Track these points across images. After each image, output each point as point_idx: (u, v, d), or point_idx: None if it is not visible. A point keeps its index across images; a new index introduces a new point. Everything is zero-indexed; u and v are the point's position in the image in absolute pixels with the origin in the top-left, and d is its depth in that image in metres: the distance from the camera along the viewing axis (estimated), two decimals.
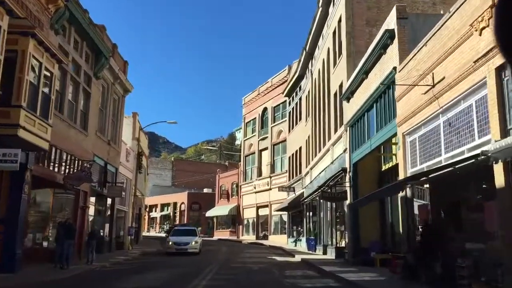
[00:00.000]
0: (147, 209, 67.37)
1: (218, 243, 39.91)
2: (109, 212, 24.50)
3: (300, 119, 36.08)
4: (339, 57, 22.37)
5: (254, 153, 47.81)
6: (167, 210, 65.14)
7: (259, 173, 46.16)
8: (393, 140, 14.34)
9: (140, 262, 20.02)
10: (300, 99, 36.21)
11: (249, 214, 47.88)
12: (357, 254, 18.38)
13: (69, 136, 18.04)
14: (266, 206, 44.08)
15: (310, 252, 27.65)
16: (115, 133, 24.98)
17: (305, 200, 31.74)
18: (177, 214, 62.82)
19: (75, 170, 18.07)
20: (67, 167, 17.97)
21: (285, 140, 41.49)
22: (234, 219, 51.18)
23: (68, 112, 18.51)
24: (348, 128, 19.66)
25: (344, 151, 20.28)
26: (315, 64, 30.12)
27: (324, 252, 24.77)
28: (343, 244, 22.44)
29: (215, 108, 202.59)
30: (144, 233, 63.81)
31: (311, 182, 30.16)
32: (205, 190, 63.05)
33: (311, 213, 31.02)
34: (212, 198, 56.97)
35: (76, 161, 18.54)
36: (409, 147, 12.92)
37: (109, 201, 24.34)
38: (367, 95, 16.72)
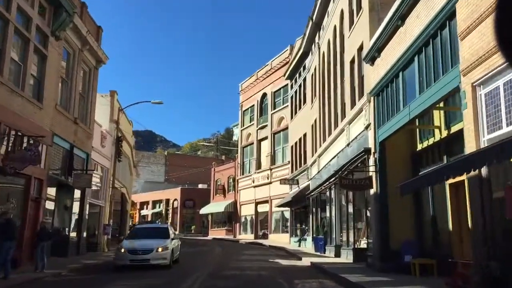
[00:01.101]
0: (137, 206, 63.21)
1: (212, 243, 35.73)
2: (78, 207, 20.29)
3: (305, 102, 31.90)
4: (357, 15, 18.18)
5: (252, 143, 43.64)
6: (159, 207, 60.93)
7: (258, 166, 41.99)
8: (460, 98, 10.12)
9: (110, 268, 15.82)
10: (305, 80, 32.02)
11: (247, 211, 43.70)
12: (386, 258, 14.23)
13: (11, 105, 13.81)
14: (266, 201, 39.94)
15: (318, 253, 23.52)
16: (86, 111, 20.75)
17: (312, 194, 27.56)
18: (170, 211, 58.60)
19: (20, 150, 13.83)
20: (10, 145, 13.73)
21: (286, 128, 37.31)
22: (230, 217, 47.00)
23: (13, 75, 14.29)
24: (372, 98, 15.48)
25: (366, 128, 16.11)
26: (323, 35, 25.93)
27: (337, 254, 20.61)
28: (362, 244, 18.31)
29: (215, 107, 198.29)
30: None
31: (319, 172, 25.98)
32: (200, 186, 58.82)
33: (319, 209, 26.86)
34: (207, 194, 52.78)
35: (25, 139, 14.30)
36: (483, 103, 8.74)
37: (78, 193, 20.12)
38: (404, 47, 12.54)
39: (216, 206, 48.41)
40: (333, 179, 21.26)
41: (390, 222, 14.50)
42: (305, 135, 31.30)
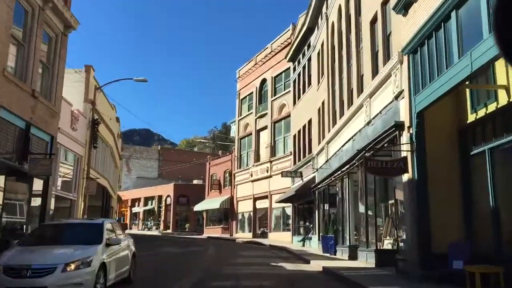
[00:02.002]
0: (129, 204, 59.76)
1: (206, 243, 32.25)
2: (39, 200, 16.75)
3: (309, 84, 28.43)
4: None
5: (250, 134, 40.14)
6: (151, 204, 57.40)
7: (257, 158, 38.50)
8: None
9: None
10: (309, 59, 28.55)
11: (244, 208, 40.22)
12: (426, 264, 10.83)
13: None
14: (265, 197, 36.48)
15: (328, 255, 20.10)
16: (50, 85, 17.20)
17: (318, 187, 24.12)
18: (162, 208, 55.06)
19: None
20: None
21: (288, 116, 33.83)
22: (226, 214, 43.52)
23: None
24: (406, 57, 12.01)
25: (397, 97, 12.65)
26: (332, 2, 22.44)
27: (352, 257, 17.17)
28: (386, 245, 14.88)
29: (214, 105, 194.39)
30: (128, 231, 56.16)
31: (327, 161, 22.54)
32: (195, 182, 55.26)
33: (326, 203, 23.41)
34: (202, 191, 49.25)
35: None
36: None
37: (39, 183, 16.59)
38: None
39: (211, 202, 44.94)
40: (347, 166, 17.83)
41: (432, 216, 11.05)
42: (310, 121, 27.85)
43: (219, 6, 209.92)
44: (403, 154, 11.91)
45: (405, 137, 11.96)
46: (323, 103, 24.40)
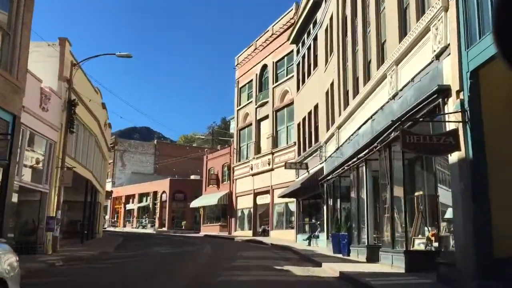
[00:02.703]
0: (123, 200, 57.07)
1: (202, 242, 29.47)
2: None
3: (315, 66, 25.65)
4: None
5: (250, 124, 37.35)
6: (146, 201, 54.62)
7: (257, 150, 35.72)
8: None
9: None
10: (315, 38, 25.75)
11: (244, 204, 37.43)
12: (486, 272, 8.08)
13: None
14: (267, 192, 33.71)
15: (340, 255, 17.37)
16: (11, 55, 14.40)
17: (328, 178, 21.37)
18: (158, 205, 52.28)
19: None
20: None
21: (291, 103, 31.06)
22: (225, 210, 40.75)
23: None
24: (454, 1, 9.22)
25: (438, 56, 9.87)
26: None
27: (372, 258, 14.39)
28: (416, 245, 12.14)
29: (213, 103, 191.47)
30: (119, 229, 53.44)
31: (338, 148, 19.78)
32: (193, 177, 52.43)
33: (337, 197, 20.66)
34: (199, 186, 46.46)
35: None
36: None
37: None
38: None
39: (208, 198, 42.16)
40: (365, 152, 15.06)
41: (493, 209, 8.28)
42: (316, 107, 25.08)
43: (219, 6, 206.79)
44: (450, 127, 9.13)
45: (452, 105, 9.17)
46: (331, 84, 21.62)
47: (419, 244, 12.15)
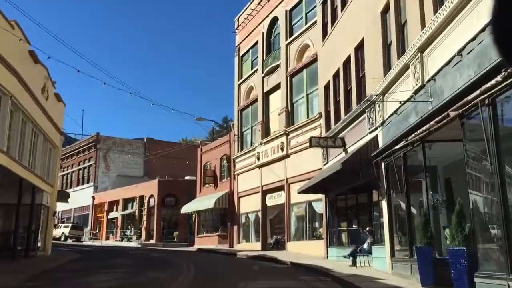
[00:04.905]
0: (105, 208, 47.88)
1: (188, 260, 19.70)
2: None
3: None
4: None
5: (255, 101, 28.15)
6: (132, 207, 45.31)
7: (266, 132, 26.49)
8: None
9: None
10: None
11: (249, 206, 28.01)
12: None
13: None
14: (280, 188, 24.39)
15: None
16: None
17: (393, 151, 12.12)
18: (144, 213, 42.96)
19: None
20: None
21: (314, 60, 21.90)
22: (224, 216, 31.34)
23: None
24: None
25: None
26: None
27: None
28: None
29: (213, 101, 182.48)
30: (99, 242, 44.21)
31: (421, 88, 10.52)
32: (187, 178, 43.07)
33: (416, 184, 11.37)
34: (194, 188, 37.09)
35: None
36: None
37: None
38: None
39: (203, 201, 32.83)
40: (496, 88, 5.69)
41: None
42: (360, 44, 15.87)
43: None
44: None
45: None
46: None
47: None
